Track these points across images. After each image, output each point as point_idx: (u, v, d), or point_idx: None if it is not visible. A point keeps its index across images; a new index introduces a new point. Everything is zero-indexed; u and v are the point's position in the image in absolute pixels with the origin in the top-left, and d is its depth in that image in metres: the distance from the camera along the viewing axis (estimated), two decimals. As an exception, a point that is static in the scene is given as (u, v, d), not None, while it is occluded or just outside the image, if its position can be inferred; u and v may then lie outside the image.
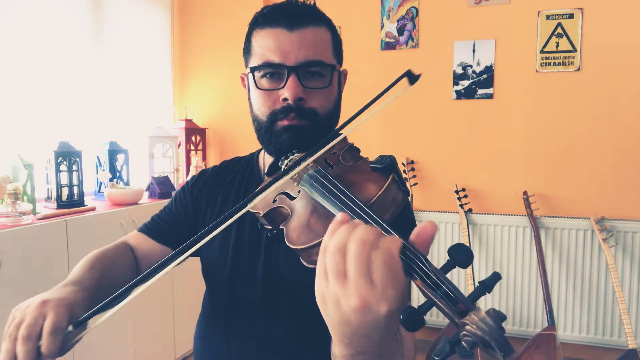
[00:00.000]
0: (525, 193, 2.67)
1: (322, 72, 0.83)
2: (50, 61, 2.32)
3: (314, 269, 0.53)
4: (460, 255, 0.47)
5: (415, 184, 2.88)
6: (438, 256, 2.83)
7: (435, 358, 0.45)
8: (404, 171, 2.86)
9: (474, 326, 0.43)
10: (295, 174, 0.69)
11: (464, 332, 0.44)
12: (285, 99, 0.81)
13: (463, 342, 0.44)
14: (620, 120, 2.57)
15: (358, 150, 0.81)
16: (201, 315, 1.00)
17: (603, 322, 2.59)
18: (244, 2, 3.07)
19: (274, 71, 0.82)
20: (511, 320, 2.75)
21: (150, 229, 1.01)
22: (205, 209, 0.98)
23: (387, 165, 0.63)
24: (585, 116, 2.62)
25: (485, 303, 2.78)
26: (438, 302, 0.46)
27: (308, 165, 0.69)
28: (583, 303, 2.62)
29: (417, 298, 2.95)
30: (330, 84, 0.84)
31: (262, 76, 0.83)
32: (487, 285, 0.46)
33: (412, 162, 2.92)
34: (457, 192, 2.77)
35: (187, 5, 3.22)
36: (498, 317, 0.43)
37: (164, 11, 3.12)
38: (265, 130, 0.85)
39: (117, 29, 2.71)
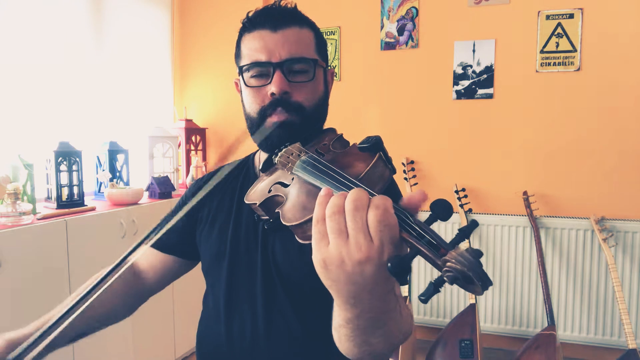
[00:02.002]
0: (525, 193, 2.67)
1: (306, 68, 0.88)
2: (50, 61, 2.32)
3: (309, 258, 0.57)
4: (441, 209, 0.53)
5: (415, 184, 2.88)
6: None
7: (421, 297, 0.49)
8: (404, 171, 2.86)
9: (454, 261, 0.47)
10: (288, 163, 0.73)
11: (445, 269, 0.48)
12: (272, 94, 0.86)
13: (445, 278, 0.48)
14: (620, 120, 2.57)
15: (348, 142, 0.84)
16: (203, 313, 1.02)
17: (603, 322, 2.59)
18: (244, 2, 3.06)
19: (261, 70, 0.87)
20: (511, 320, 2.75)
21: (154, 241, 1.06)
22: (201, 208, 1.02)
23: (373, 144, 0.68)
24: (585, 116, 2.62)
25: (485, 300, 2.78)
26: (422, 249, 0.50)
27: (300, 153, 0.73)
28: (583, 303, 2.62)
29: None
30: (314, 78, 0.88)
31: (252, 76, 0.89)
32: (465, 232, 0.52)
33: (412, 162, 2.92)
34: (457, 192, 2.77)
35: (187, 5, 3.22)
36: (475, 252, 0.48)
37: (164, 11, 3.11)
38: (257, 127, 0.89)
39: (117, 28, 2.71)
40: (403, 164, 2.88)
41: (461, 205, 2.74)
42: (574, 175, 2.66)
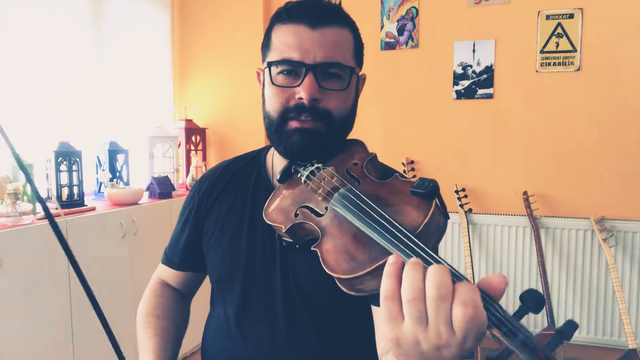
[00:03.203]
0: (525, 193, 2.67)
1: (341, 74, 0.80)
2: (50, 61, 2.31)
3: (335, 278, 0.53)
4: (533, 301, 0.47)
5: (415, 184, 2.88)
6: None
7: None
8: (404, 171, 2.86)
9: None
10: (319, 189, 0.66)
11: None
12: (300, 98, 0.78)
13: None
14: (620, 120, 2.57)
15: (379, 162, 0.79)
16: (210, 319, 0.97)
17: (603, 322, 2.59)
18: (243, 2, 3.07)
19: (291, 68, 0.79)
20: (511, 320, 2.75)
21: (170, 259, 1.01)
22: (207, 215, 0.94)
23: (430, 191, 0.59)
24: (585, 116, 2.62)
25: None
26: (516, 351, 0.45)
27: (336, 181, 0.66)
28: (583, 303, 2.62)
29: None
30: (348, 87, 0.81)
31: (279, 72, 0.80)
32: (564, 334, 0.47)
33: (412, 162, 2.92)
34: (457, 192, 2.77)
35: (187, 5, 3.22)
36: None
37: (164, 11, 3.11)
38: (276, 129, 0.81)
39: (117, 29, 2.71)
40: (403, 164, 2.88)
41: (461, 205, 2.74)
42: (574, 175, 2.66)
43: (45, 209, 0.59)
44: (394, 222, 0.55)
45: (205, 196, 0.95)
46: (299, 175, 0.74)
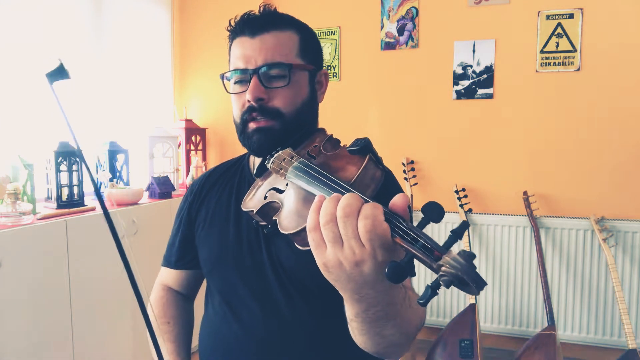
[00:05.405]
0: (525, 193, 2.67)
1: (283, 74, 0.87)
2: (50, 61, 2.31)
3: (309, 252, 0.59)
4: (433, 212, 0.54)
5: (415, 184, 2.88)
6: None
7: (420, 301, 0.51)
8: (404, 171, 2.86)
9: (448, 266, 0.49)
10: (280, 169, 0.74)
11: (441, 273, 0.49)
12: (248, 100, 0.86)
13: (441, 282, 0.50)
14: (620, 120, 2.57)
15: (338, 140, 0.84)
16: (206, 317, 1.01)
17: (603, 322, 2.59)
18: (244, 2, 3.06)
19: (241, 77, 0.88)
20: (511, 320, 2.75)
21: (168, 259, 1.10)
22: (197, 213, 1.03)
23: (362, 146, 0.68)
24: (585, 116, 2.62)
25: (485, 300, 2.78)
26: (417, 253, 0.52)
27: (292, 158, 0.74)
28: (583, 303, 2.62)
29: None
30: (289, 83, 0.87)
31: (235, 82, 0.91)
32: (457, 233, 0.53)
33: (412, 162, 2.92)
34: (457, 192, 2.77)
35: (187, 5, 3.22)
36: (469, 256, 0.49)
37: (164, 11, 3.11)
38: (241, 132, 0.92)
39: (117, 28, 2.71)
40: (403, 164, 2.88)
41: (461, 205, 2.74)
42: (574, 175, 2.66)
43: (101, 202, 0.62)
44: (332, 177, 0.63)
45: (195, 197, 1.05)
46: (266, 163, 0.81)
